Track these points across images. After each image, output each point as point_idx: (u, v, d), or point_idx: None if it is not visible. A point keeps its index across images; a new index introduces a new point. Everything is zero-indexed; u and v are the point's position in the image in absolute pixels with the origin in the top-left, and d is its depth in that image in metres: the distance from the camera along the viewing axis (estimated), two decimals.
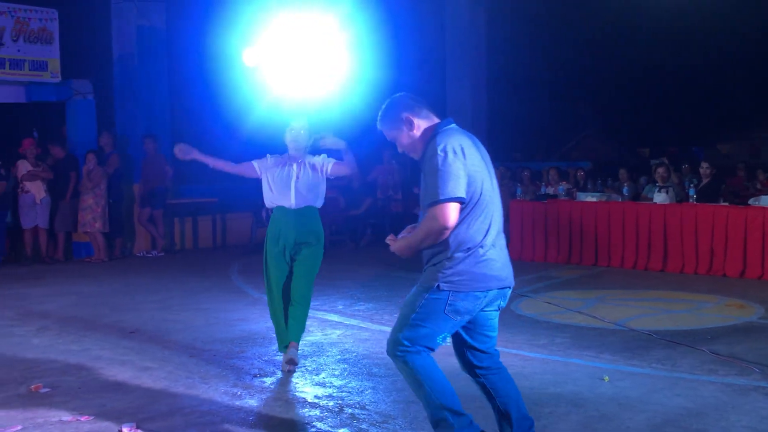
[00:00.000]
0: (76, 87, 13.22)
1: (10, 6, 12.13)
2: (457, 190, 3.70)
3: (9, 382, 5.71)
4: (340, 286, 9.58)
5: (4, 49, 12.08)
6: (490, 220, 3.85)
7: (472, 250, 3.79)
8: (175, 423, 4.80)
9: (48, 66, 12.58)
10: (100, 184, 12.32)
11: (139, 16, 13.73)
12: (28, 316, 8.12)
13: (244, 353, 6.49)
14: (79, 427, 4.73)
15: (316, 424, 4.80)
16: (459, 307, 3.81)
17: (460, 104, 16.52)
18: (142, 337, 7.15)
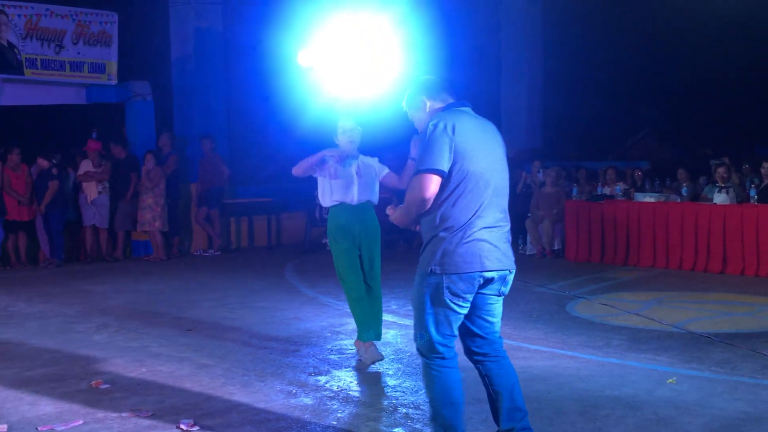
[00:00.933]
0: (136, 88, 13.49)
1: (71, 9, 12.41)
2: (437, 163, 3.76)
3: (70, 377, 5.85)
4: (394, 286, 9.59)
5: (64, 52, 12.36)
6: (481, 201, 3.86)
7: (458, 230, 3.81)
8: (231, 420, 4.86)
9: (106, 68, 12.84)
10: (159, 184, 12.54)
11: (197, 18, 13.94)
12: (88, 314, 8.30)
13: (299, 352, 6.55)
14: (138, 423, 4.83)
15: (370, 423, 4.82)
16: (458, 290, 3.84)
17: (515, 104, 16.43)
18: (199, 334, 7.26)
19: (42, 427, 4.74)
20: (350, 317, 7.87)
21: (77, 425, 4.79)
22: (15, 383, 5.71)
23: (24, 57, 11.92)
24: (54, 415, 4.99)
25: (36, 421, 4.86)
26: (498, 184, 3.98)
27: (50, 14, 12.20)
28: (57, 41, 12.26)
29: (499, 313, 4.08)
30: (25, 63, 11.95)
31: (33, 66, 12.06)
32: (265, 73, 14.51)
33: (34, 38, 12.04)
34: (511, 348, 6.50)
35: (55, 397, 5.37)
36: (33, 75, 12.13)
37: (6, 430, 4.70)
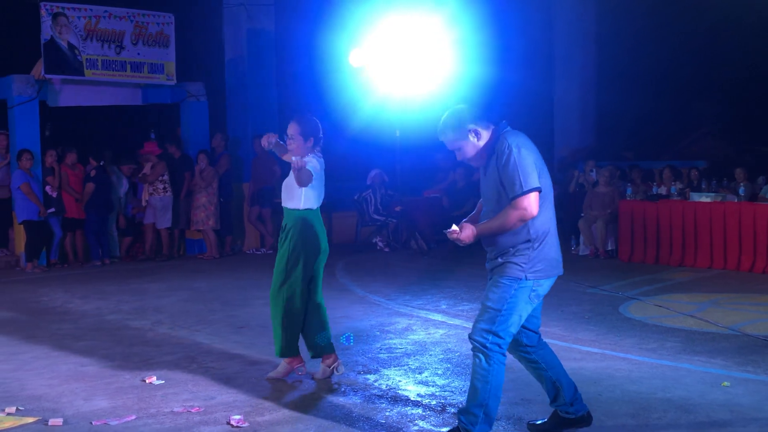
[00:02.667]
0: (190, 89, 13.68)
1: (129, 11, 12.64)
2: (535, 181, 4.12)
3: (124, 373, 5.95)
4: (444, 286, 9.56)
5: (124, 52, 12.60)
6: (552, 211, 4.31)
7: (547, 237, 4.25)
8: (281, 417, 4.90)
9: (164, 69, 13.05)
10: (212, 184, 12.70)
11: (250, 20, 14.08)
12: (143, 311, 8.45)
13: (348, 350, 6.57)
14: (190, 419, 4.89)
15: (418, 423, 4.82)
16: (540, 292, 4.30)
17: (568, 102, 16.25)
18: (251, 332, 7.33)
19: (96, 422, 4.84)
20: (400, 316, 7.90)
21: (130, 420, 4.87)
22: (70, 378, 5.84)
23: (84, 58, 12.18)
24: (108, 409, 5.09)
25: (90, 416, 4.96)
26: (552, 195, 4.35)
27: (109, 16, 12.45)
28: (117, 42, 12.51)
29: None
30: (85, 64, 12.21)
31: (94, 66, 12.31)
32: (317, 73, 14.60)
33: (95, 39, 12.29)
34: (562, 349, 6.44)
35: (109, 392, 5.48)
36: (94, 75, 12.38)
37: (61, 423, 4.81)
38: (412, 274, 10.74)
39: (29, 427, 4.76)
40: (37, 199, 11.56)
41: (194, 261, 12.58)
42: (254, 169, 13.52)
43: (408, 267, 11.49)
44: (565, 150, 15.77)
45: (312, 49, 14.41)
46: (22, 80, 12.14)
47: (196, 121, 13.86)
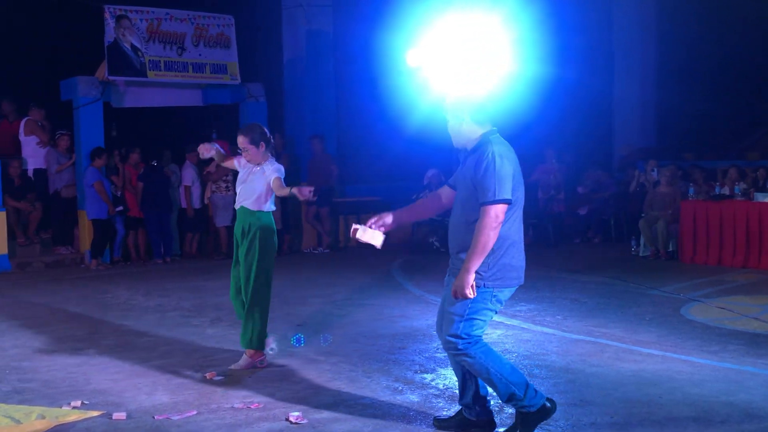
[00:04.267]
0: (250, 90, 13.85)
1: (190, 13, 12.85)
2: (508, 193, 4.26)
3: (185, 369, 6.06)
4: None
5: (186, 54, 12.82)
6: (520, 220, 4.45)
7: (510, 247, 4.40)
8: (339, 414, 4.94)
9: (227, 69, 13.23)
10: None
11: (308, 21, 14.21)
12: (203, 308, 8.58)
13: (405, 349, 6.58)
14: (250, 414, 4.96)
15: None
16: (502, 298, 4.46)
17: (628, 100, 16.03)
18: (308, 329, 7.39)
19: (158, 416, 4.93)
20: None
21: (191, 415, 4.95)
22: (133, 373, 5.96)
23: (147, 59, 12.42)
24: (170, 404, 5.19)
25: (153, 410, 5.06)
26: (521, 206, 4.50)
27: (170, 18, 12.68)
28: (179, 44, 12.73)
29: None
30: (148, 65, 12.45)
31: (156, 68, 12.55)
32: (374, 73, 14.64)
33: (156, 41, 12.53)
34: (621, 351, 6.38)
35: (170, 387, 5.58)
36: (156, 77, 12.63)
37: (125, 418, 4.91)
38: None
39: (94, 421, 4.87)
40: (107, 197, 11.85)
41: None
42: (311, 169, 13.63)
43: None
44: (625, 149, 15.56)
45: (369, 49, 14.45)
46: (87, 82, 12.44)
47: (255, 121, 13.96)
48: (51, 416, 4.90)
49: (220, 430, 4.70)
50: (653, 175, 12.84)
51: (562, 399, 5.18)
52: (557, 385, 5.51)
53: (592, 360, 6.15)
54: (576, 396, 5.25)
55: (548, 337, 7.00)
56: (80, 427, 4.76)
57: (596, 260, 11.64)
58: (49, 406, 5.17)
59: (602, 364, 6.04)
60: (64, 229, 12.65)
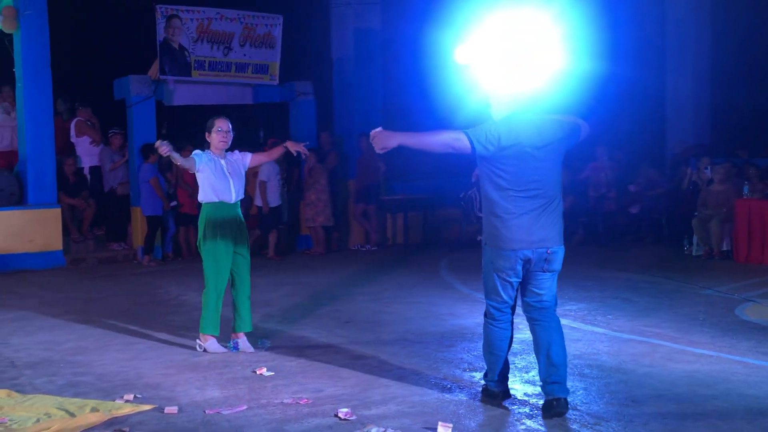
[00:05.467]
0: (299, 88, 13.92)
1: (239, 13, 12.96)
2: (473, 133, 4.82)
3: (236, 364, 6.12)
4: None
5: (231, 54, 12.93)
6: (515, 198, 4.75)
7: (500, 220, 4.77)
8: (387, 411, 4.94)
9: (268, 69, 13.32)
10: (320, 181, 12.89)
11: (356, 19, 14.22)
12: (253, 304, 8.58)
13: (453, 347, 6.56)
14: (299, 410, 4.98)
15: (525, 422, 4.77)
16: (499, 266, 4.82)
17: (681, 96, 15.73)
18: (356, 326, 7.41)
19: (209, 410, 4.99)
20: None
21: (242, 410, 5.00)
22: (185, 368, 6.04)
23: (193, 59, 12.57)
24: (220, 399, 5.24)
25: (204, 405, 5.11)
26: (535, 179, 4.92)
27: (220, 18, 12.80)
28: (226, 43, 12.85)
29: (546, 287, 4.99)
30: (193, 65, 12.59)
31: (201, 68, 12.69)
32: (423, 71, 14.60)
33: (205, 41, 12.66)
34: (674, 351, 6.27)
35: (221, 382, 5.64)
36: (201, 76, 12.76)
37: (176, 411, 4.98)
38: None
39: (146, 414, 4.94)
40: (162, 193, 12.03)
41: (301, 256, 12.80)
42: (360, 166, 13.65)
43: None
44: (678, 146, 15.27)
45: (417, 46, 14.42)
46: (140, 80, 12.63)
47: (304, 119, 14.09)
48: (104, 409, 4.99)
49: (269, 425, 4.73)
50: (706, 172, 12.59)
51: (613, 399, 5.12)
52: (609, 385, 5.44)
53: (643, 360, 6.06)
54: (628, 396, 5.18)
55: (599, 336, 6.92)
56: (133, 420, 4.83)
57: (648, 259, 11.46)
58: (103, 399, 5.26)
59: (654, 364, 5.95)
60: (117, 225, 12.87)
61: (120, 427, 4.69)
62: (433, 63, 13.71)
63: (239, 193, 6.60)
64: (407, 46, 14.92)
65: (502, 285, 4.87)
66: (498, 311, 4.94)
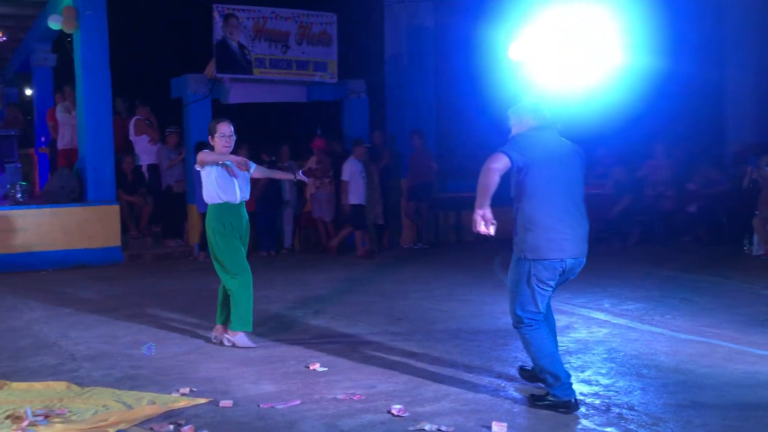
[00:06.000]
0: (352, 87, 13.97)
1: (294, 12, 13.08)
2: (511, 150, 4.89)
3: (289, 359, 6.15)
4: (607, 285, 9.29)
5: (290, 52, 13.07)
6: (550, 202, 4.88)
7: (539, 227, 4.89)
8: (441, 408, 4.91)
9: (327, 67, 13.41)
10: (372, 179, 12.90)
11: (409, 16, 14.21)
12: (306, 300, 8.71)
13: (507, 346, 6.50)
14: (352, 406, 4.99)
15: (582, 421, 4.70)
16: (540, 277, 4.88)
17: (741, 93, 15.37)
18: (409, 324, 7.40)
19: (263, 405, 5.02)
20: (560, 314, 7.73)
21: (295, 405, 5.02)
22: (239, 362, 6.09)
23: (254, 57, 12.71)
24: (274, 393, 5.27)
25: (258, 399, 5.15)
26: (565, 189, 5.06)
27: (275, 17, 12.93)
28: (283, 42, 12.98)
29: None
30: (254, 63, 12.74)
31: (262, 65, 12.84)
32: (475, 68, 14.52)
33: (262, 39, 12.81)
34: (734, 352, 6.13)
35: (275, 377, 5.68)
36: (262, 74, 12.91)
37: (231, 405, 5.02)
38: None
39: (202, 408, 4.99)
40: None
41: (354, 254, 12.82)
42: (412, 164, 13.63)
43: None
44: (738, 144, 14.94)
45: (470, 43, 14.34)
46: (196, 79, 12.81)
47: (357, 117, 14.13)
48: (161, 402, 5.05)
49: (322, 420, 4.74)
50: (767, 170, 12.29)
51: (672, 400, 5.02)
52: (667, 385, 5.34)
53: (703, 361, 5.93)
54: (687, 397, 5.08)
55: (656, 336, 6.79)
56: (189, 413, 4.89)
57: (706, 259, 11.23)
58: (159, 392, 5.33)
59: (714, 365, 5.82)
60: (173, 222, 13.06)
61: (176, 419, 4.74)
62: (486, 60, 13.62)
63: (244, 194, 6.70)
64: (460, 43, 14.85)
65: (541, 296, 4.93)
66: (534, 321, 4.95)
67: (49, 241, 11.47)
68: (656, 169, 13.57)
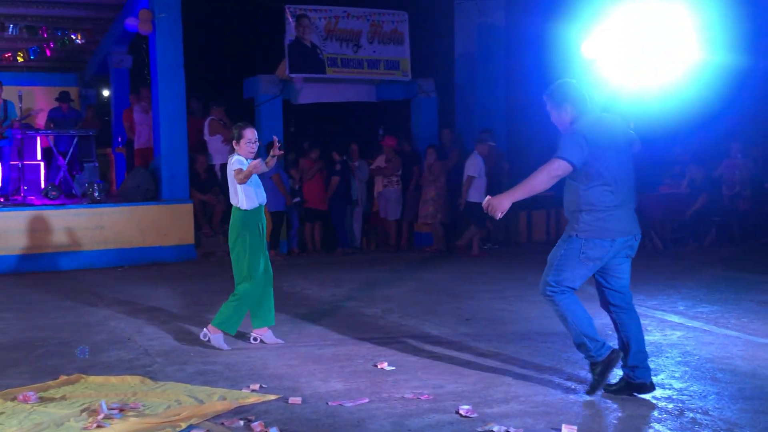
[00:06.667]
0: (421, 86, 13.95)
1: (365, 11, 13.15)
2: (572, 156, 4.90)
3: (357, 357, 6.18)
4: (681, 287, 9.08)
5: (361, 51, 13.15)
6: (610, 189, 4.96)
7: (598, 211, 4.96)
8: (510, 410, 4.87)
9: (399, 65, 13.44)
10: (440, 178, 12.88)
11: (480, 15, 14.13)
12: (374, 299, 8.73)
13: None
14: (420, 405, 4.98)
15: (654, 425, 4.60)
16: (591, 255, 5.00)
17: None
18: (477, 324, 7.35)
19: (332, 402, 5.05)
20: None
21: (363, 403, 5.03)
22: (308, 360, 6.14)
23: (326, 57, 12.83)
24: (343, 391, 5.30)
25: (327, 396, 5.18)
26: (623, 174, 5.13)
27: (347, 16, 13.03)
28: (354, 41, 13.07)
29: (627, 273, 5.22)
30: (326, 62, 12.86)
31: (334, 65, 12.96)
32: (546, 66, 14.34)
33: (334, 39, 12.92)
34: None
35: (343, 375, 5.70)
36: (334, 73, 13.03)
37: (300, 402, 5.06)
38: (645, 274, 10.27)
39: (271, 404, 5.05)
40: (285, 189, 12.34)
41: (422, 253, 12.82)
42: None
43: (641, 266, 11.00)
44: None
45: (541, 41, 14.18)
46: (268, 80, 12.98)
47: (426, 116, 14.11)
48: (231, 398, 5.13)
49: (390, 418, 4.74)
50: None
51: (748, 405, 4.87)
52: (742, 390, 5.19)
53: None
54: (764, 403, 4.92)
55: (732, 340, 6.60)
56: (259, 409, 4.94)
57: None
58: (230, 388, 5.41)
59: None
60: None
61: (246, 415, 4.80)
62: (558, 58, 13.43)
63: (263, 198, 6.75)
64: (531, 41, 14.70)
65: (586, 274, 5.10)
66: (568, 288, 5.09)
67: (125, 239, 11.77)
68: (733, 169, 13.20)
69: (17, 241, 11.20)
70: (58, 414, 4.80)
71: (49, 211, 11.52)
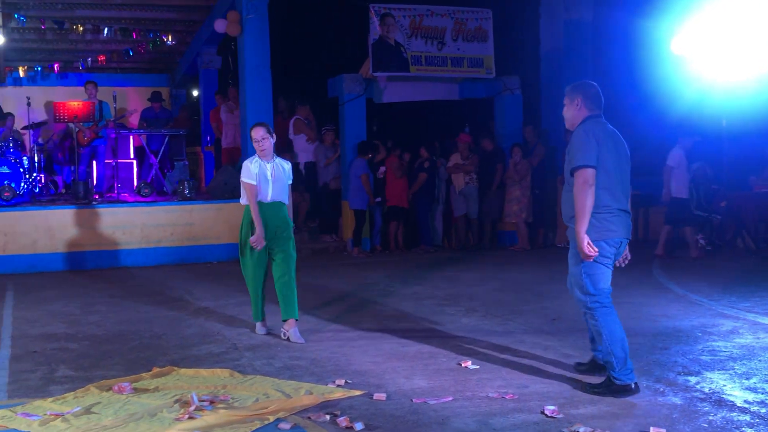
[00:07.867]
0: (506, 83, 13.86)
1: (449, 9, 13.16)
2: (590, 159, 5.03)
3: (441, 356, 6.18)
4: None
5: (445, 48, 13.16)
6: (612, 186, 5.13)
7: (601, 209, 5.12)
8: (597, 411, 4.80)
9: (483, 63, 13.39)
10: (526, 177, 12.78)
11: (567, 11, 13.94)
12: (457, 297, 8.72)
13: (667, 350, 6.28)
14: (504, 405, 4.96)
15: (745, 430, 4.48)
16: (604, 253, 5.17)
17: None
18: (563, 324, 7.28)
19: (416, 399, 5.08)
20: (724, 318, 7.41)
21: (447, 401, 5.05)
22: (392, 357, 6.18)
23: (410, 55, 12.89)
24: (427, 389, 5.32)
25: (411, 393, 5.21)
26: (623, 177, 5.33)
27: (431, 14, 13.06)
28: (439, 39, 13.09)
29: None
30: (410, 60, 12.92)
31: (418, 63, 13.00)
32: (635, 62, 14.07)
33: (418, 37, 12.97)
34: None
35: (427, 372, 5.73)
36: (418, 71, 13.08)
37: (385, 398, 5.11)
38: (737, 275, 10.00)
39: (356, 399, 5.11)
40: (370, 188, 12.45)
41: (505, 252, 12.75)
42: None
43: (733, 267, 10.72)
44: None
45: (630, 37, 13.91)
46: (352, 79, 13.10)
47: (510, 114, 14.01)
48: (317, 392, 5.21)
49: (475, 417, 4.74)
50: None
51: None
52: None
53: None
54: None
55: None
56: (344, 404, 5.01)
57: None
58: (316, 383, 5.49)
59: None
60: (329, 218, 13.42)
61: (332, 410, 4.88)
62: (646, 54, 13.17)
63: (276, 195, 6.87)
64: (619, 37, 14.44)
65: (607, 273, 5.27)
66: (607, 300, 5.26)
67: (214, 235, 12.05)
68: None
69: (110, 237, 11.60)
70: (151, 405, 4.96)
71: (141, 208, 11.90)
